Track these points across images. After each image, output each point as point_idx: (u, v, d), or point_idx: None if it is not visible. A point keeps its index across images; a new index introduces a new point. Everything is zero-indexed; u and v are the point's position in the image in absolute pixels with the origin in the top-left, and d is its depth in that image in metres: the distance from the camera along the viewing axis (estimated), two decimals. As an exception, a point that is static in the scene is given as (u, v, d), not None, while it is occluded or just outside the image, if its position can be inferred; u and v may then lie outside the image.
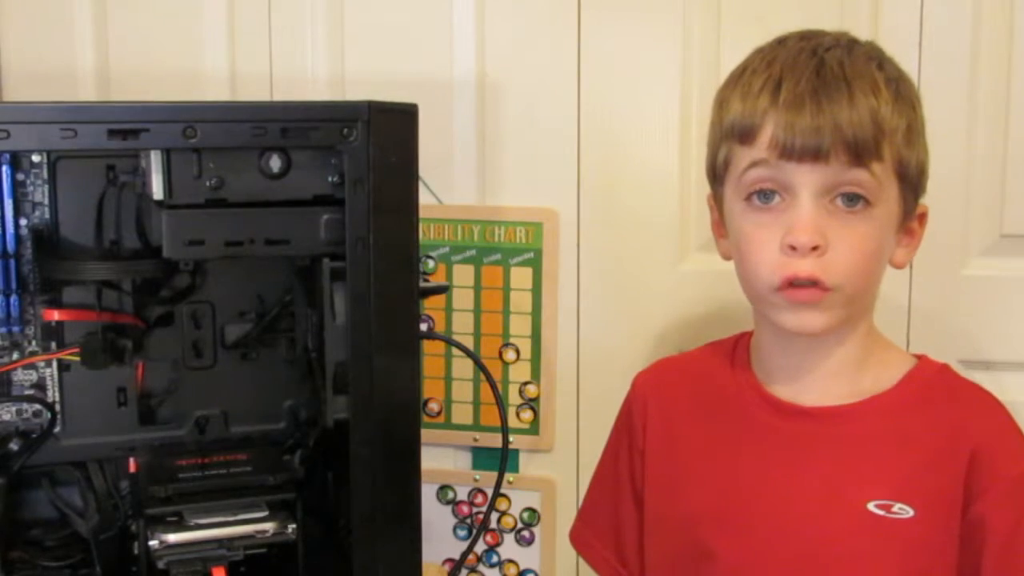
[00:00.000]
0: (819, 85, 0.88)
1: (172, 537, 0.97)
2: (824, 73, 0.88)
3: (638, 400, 1.06)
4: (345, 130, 0.90)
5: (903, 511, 0.90)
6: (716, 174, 0.96)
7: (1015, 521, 0.89)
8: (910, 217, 0.93)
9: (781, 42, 0.93)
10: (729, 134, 0.92)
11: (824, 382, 0.95)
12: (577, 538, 1.12)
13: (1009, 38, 1.19)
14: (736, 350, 1.03)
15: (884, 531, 0.91)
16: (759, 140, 0.89)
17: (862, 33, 1.18)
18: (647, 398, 1.06)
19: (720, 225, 0.98)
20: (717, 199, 0.97)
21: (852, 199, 0.88)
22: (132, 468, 1.04)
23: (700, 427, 1.01)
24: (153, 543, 0.96)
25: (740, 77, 0.93)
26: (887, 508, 0.91)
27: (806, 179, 0.87)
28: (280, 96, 1.35)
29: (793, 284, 0.88)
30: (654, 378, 1.08)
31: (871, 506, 0.91)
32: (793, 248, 0.87)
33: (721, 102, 0.94)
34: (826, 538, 0.92)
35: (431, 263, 1.35)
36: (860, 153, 0.86)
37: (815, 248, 0.87)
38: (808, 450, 0.94)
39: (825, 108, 0.87)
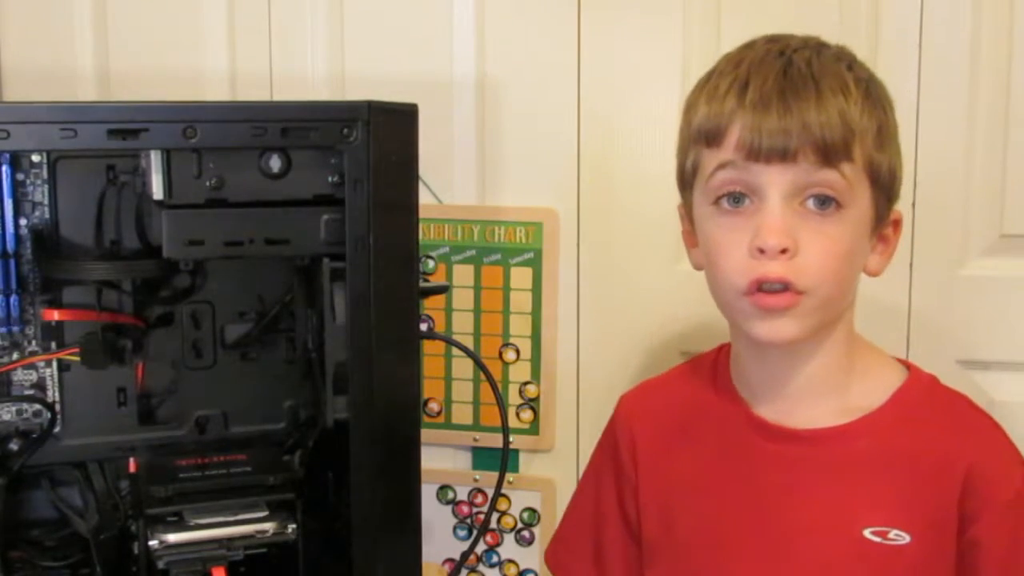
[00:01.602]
0: (786, 85, 0.86)
1: (172, 537, 0.96)
2: (792, 73, 0.87)
3: (624, 428, 1.04)
4: (345, 130, 0.90)
5: (899, 537, 0.89)
6: (685, 180, 0.94)
7: (1010, 543, 0.88)
8: (884, 223, 0.91)
9: (749, 46, 0.92)
10: (697, 137, 0.91)
11: (809, 398, 0.93)
12: (555, 561, 1.10)
13: (1009, 38, 1.19)
14: (717, 367, 1.01)
15: (881, 558, 0.89)
16: (726, 142, 0.87)
17: (862, 34, 1.19)
18: (633, 426, 1.04)
19: (691, 235, 0.96)
20: (687, 208, 0.95)
21: (823, 201, 0.86)
22: (132, 468, 1.04)
23: (689, 453, 0.99)
24: (153, 543, 0.96)
25: (707, 81, 0.92)
26: (883, 535, 0.89)
27: (774, 180, 0.86)
28: (280, 96, 1.35)
29: (762, 288, 0.86)
30: (638, 404, 1.06)
31: (867, 533, 0.89)
32: (762, 251, 0.85)
33: (688, 107, 0.93)
34: (823, 566, 0.91)
35: (431, 263, 1.35)
36: (829, 153, 0.85)
37: (784, 251, 0.85)
38: (801, 475, 0.93)
39: (792, 108, 0.85)
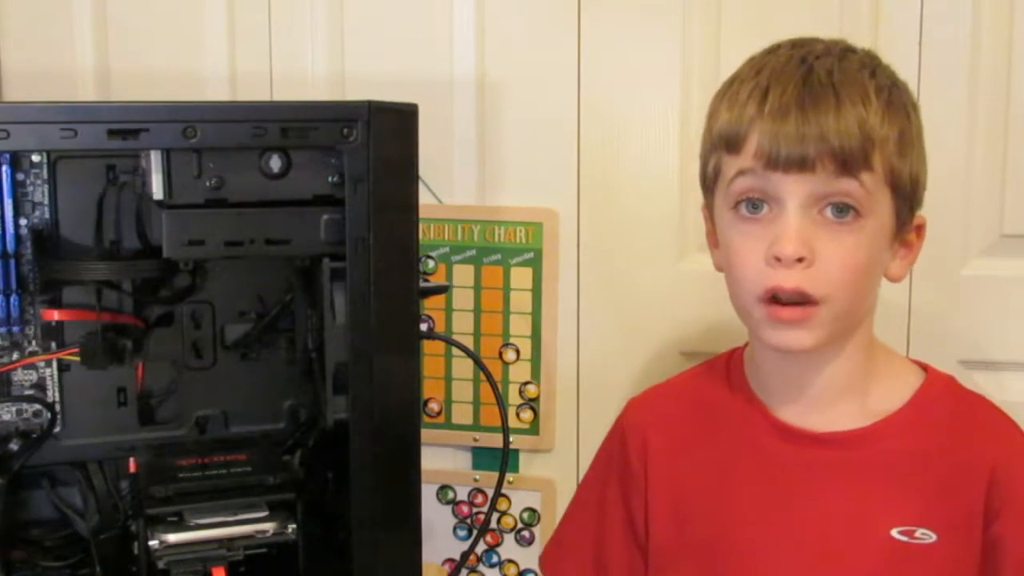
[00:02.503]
0: (805, 94, 0.86)
1: (172, 537, 0.96)
2: (811, 82, 0.87)
3: (634, 431, 1.04)
4: (345, 130, 0.90)
5: (926, 536, 0.89)
6: (707, 183, 0.95)
7: None
8: (906, 228, 0.92)
9: (772, 51, 0.92)
10: (718, 143, 0.91)
11: (829, 401, 0.94)
12: (551, 565, 1.10)
13: (1009, 38, 1.19)
14: (730, 369, 1.01)
15: (909, 558, 0.89)
16: (745, 149, 0.88)
17: (862, 34, 1.19)
18: (645, 429, 1.03)
19: (713, 236, 0.97)
20: (710, 209, 0.96)
21: (841, 210, 0.86)
22: (132, 468, 1.04)
23: (705, 457, 0.99)
24: (153, 543, 0.96)
25: (730, 86, 0.92)
26: (910, 534, 0.90)
27: (792, 189, 0.86)
28: (280, 96, 1.35)
29: (777, 298, 0.87)
30: (650, 409, 1.05)
31: (895, 533, 0.90)
32: (778, 260, 0.86)
33: (711, 111, 0.94)
34: (851, 568, 0.91)
35: (431, 263, 1.35)
36: (847, 163, 0.85)
37: (801, 260, 0.85)
38: (825, 477, 0.93)
39: (811, 117, 0.85)
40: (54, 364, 1.03)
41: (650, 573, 1.02)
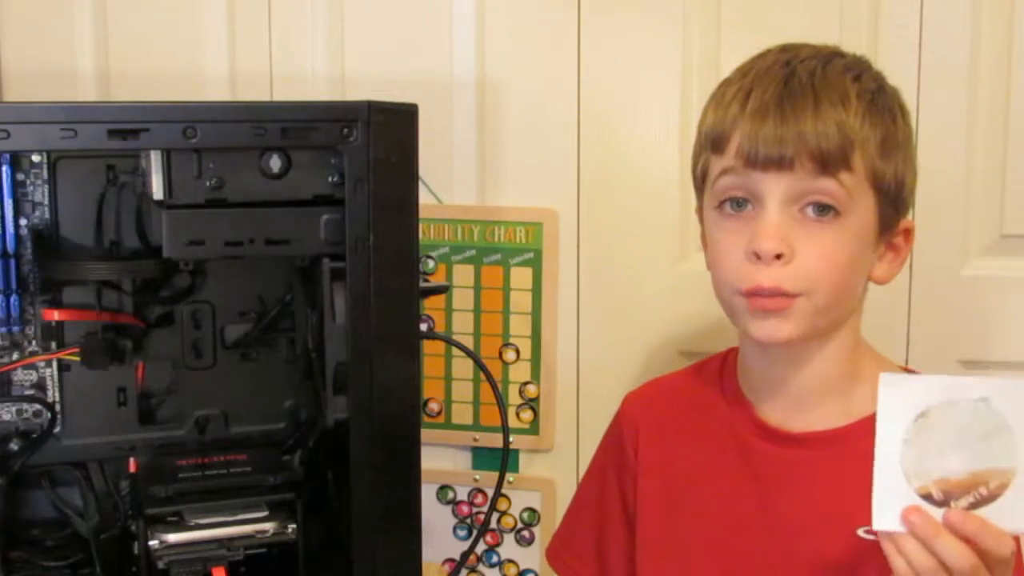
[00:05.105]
0: (785, 95, 0.88)
1: (172, 537, 0.97)
2: (792, 84, 0.88)
3: (629, 422, 1.06)
4: (345, 130, 0.90)
5: None
6: (697, 184, 0.97)
7: None
8: (891, 231, 0.93)
9: (762, 55, 0.94)
10: (705, 144, 0.93)
11: (811, 401, 0.94)
12: (556, 559, 1.11)
13: (1009, 38, 1.19)
14: (724, 370, 1.02)
15: (881, 555, 0.88)
16: (728, 149, 0.90)
17: (862, 35, 1.19)
18: (638, 421, 1.05)
19: (705, 236, 0.98)
20: (701, 210, 0.98)
21: (821, 208, 0.88)
22: (132, 468, 1.04)
23: (694, 452, 1.00)
24: (153, 543, 0.96)
25: (719, 88, 0.94)
26: None
27: (771, 187, 0.88)
28: (280, 96, 1.35)
29: (757, 293, 0.88)
30: (645, 400, 1.08)
31: (864, 532, 0.90)
32: (757, 256, 0.87)
33: (702, 113, 0.95)
34: (824, 565, 0.91)
35: (431, 263, 1.35)
36: (825, 163, 0.86)
37: (779, 257, 0.87)
38: (800, 476, 0.94)
39: (789, 118, 0.87)
40: (54, 364, 1.03)
41: (638, 564, 1.03)
